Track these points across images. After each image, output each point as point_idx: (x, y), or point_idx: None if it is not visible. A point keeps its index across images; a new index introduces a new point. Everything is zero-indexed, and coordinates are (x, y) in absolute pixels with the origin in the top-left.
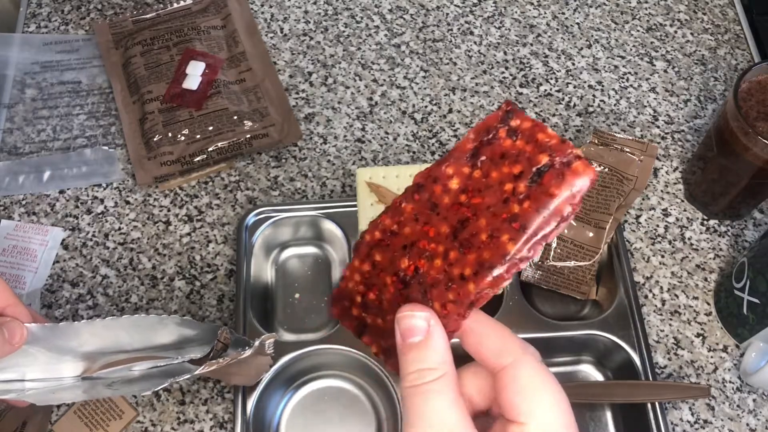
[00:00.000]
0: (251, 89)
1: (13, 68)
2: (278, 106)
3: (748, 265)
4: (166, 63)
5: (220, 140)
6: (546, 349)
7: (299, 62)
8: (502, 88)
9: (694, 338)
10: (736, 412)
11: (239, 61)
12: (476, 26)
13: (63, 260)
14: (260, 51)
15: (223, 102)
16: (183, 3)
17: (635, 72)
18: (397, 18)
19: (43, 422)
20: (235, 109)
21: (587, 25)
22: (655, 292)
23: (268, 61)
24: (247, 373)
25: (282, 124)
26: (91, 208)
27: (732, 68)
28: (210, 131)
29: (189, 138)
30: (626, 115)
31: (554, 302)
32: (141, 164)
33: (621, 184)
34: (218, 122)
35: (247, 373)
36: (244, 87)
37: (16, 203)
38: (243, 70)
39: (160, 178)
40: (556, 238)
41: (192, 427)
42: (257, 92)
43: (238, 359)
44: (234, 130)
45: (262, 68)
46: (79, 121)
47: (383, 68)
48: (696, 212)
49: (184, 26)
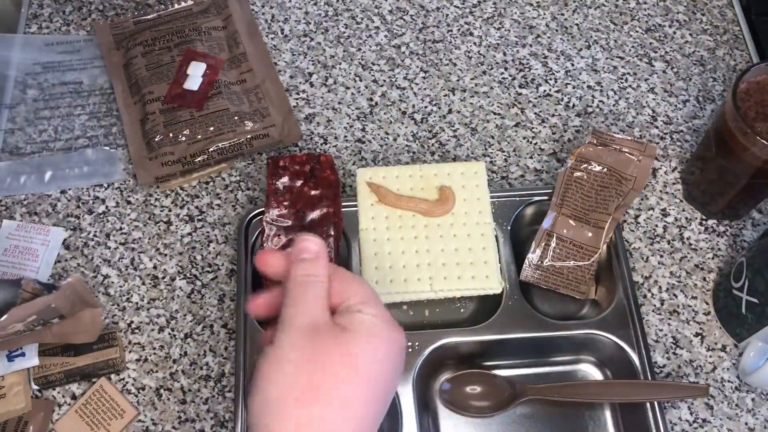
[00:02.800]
0: (252, 90)
1: (15, 69)
2: (279, 107)
3: (746, 265)
4: (167, 64)
5: (221, 140)
6: (545, 348)
7: (300, 63)
8: (502, 88)
9: (692, 338)
10: (734, 412)
11: (240, 61)
12: (476, 27)
13: (64, 260)
14: (261, 52)
15: (223, 103)
16: (184, 4)
17: (634, 72)
18: (397, 19)
19: (44, 421)
20: (235, 110)
21: (586, 26)
22: (654, 292)
23: (268, 62)
24: (84, 329)
25: (282, 124)
26: (92, 208)
27: (731, 69)
28: (211, 131)
29: (190, 138)
30: (625, 116)
31: (553, 302)
32: (142, 164)
33: (620, 184)
34: (219, 123)
35: (84, 329)
36: (245, 87)
37: (18, 203)
38: (244, 70)
39: (161, 178)
40: (556, 238)
41: (193, 426)
42: (258, 93)
43: (57, 310)
44: (235, 131)
45: (263, 69)
46: (80, 122)
47: (383, 69)
48: (695, 212)
49: (185, 27)
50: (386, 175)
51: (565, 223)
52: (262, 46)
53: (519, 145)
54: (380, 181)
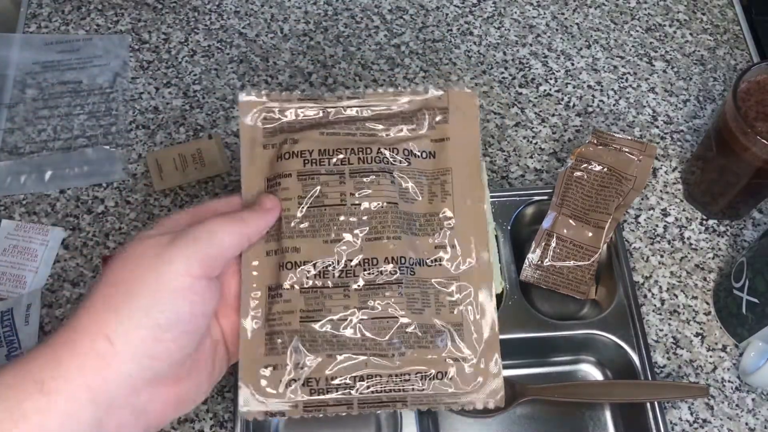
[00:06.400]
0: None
1: (14, 68)
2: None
3: (747, 265)
4: (330, 207)
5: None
6: (545, 348)
7: (299, 62)
8: (502, 88)
9: (693, 338)
10: (735, 412)
11: (435, 227)
12: (476, 26)
13: (63, 260)
14: (475, 213)
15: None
16: (382, 94)
17: (634, 72)
18: (396, 18)
19: None
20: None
21: (586, 26)
22: (654, 292)
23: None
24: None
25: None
26: (91, 208)
27: (731, 68)
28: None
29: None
30: (625, 115)
31: (553, 302)
32: (252, 368)
33: (620, 184)
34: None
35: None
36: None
37: (17, 203)
38: (436, 242)
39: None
40: (556, 238)
41: (192, 426)
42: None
43: None
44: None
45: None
46: (79, 121)
47: (383, 68)
48: (695, 212)
49: (376, 138)
50: None
51: (565, 223)
52: (481, 206)
53: (519, 144)
54: None
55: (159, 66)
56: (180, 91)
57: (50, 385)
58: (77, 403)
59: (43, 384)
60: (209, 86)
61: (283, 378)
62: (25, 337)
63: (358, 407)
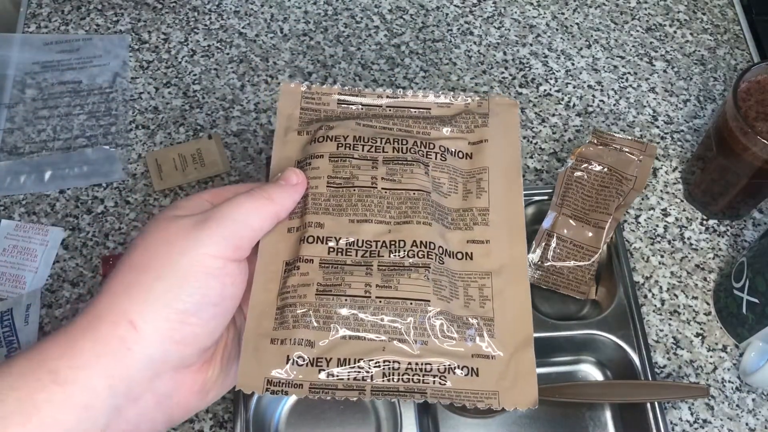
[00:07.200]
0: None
1: (14, 68)
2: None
3: (747, 265)
4: (359, 189)
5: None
6: (545, 348)
7: (299, 62)
8: (502, 88)
9: (693, 338)
10: (735, 412)
11: (470, 221)
12: (476, 26)
13: (63, 260)
14: (512, 210)
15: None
16: (421, 97)
17: (635, 72)
18: (396, 18)
19: None
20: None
21: (587, 26)
22: (655, 292)
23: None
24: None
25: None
26: (91, 208)
27: (731, 68)
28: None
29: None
30: (625, 115)
31: (554, 302)
32: (256, 346)
33: (620, 184)
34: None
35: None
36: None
37: (17, 203)
38: (474, 238)
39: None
40: (556, 238)
41: (192, 426)
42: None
43: None
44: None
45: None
46: (79, 121)
47: (383, 68)
48: (695, 212)
49: (412, 134)
50: None
51: (565, 223)
52: (518, 205)
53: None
54: None
55: (159, 66)
56: (180, 91)
57: (66, 375)
58: (94, 392)
59: (57, 374)
60: (209, 86)
61: (291, 354)
62: (25, 337)
63: (371, 394)
